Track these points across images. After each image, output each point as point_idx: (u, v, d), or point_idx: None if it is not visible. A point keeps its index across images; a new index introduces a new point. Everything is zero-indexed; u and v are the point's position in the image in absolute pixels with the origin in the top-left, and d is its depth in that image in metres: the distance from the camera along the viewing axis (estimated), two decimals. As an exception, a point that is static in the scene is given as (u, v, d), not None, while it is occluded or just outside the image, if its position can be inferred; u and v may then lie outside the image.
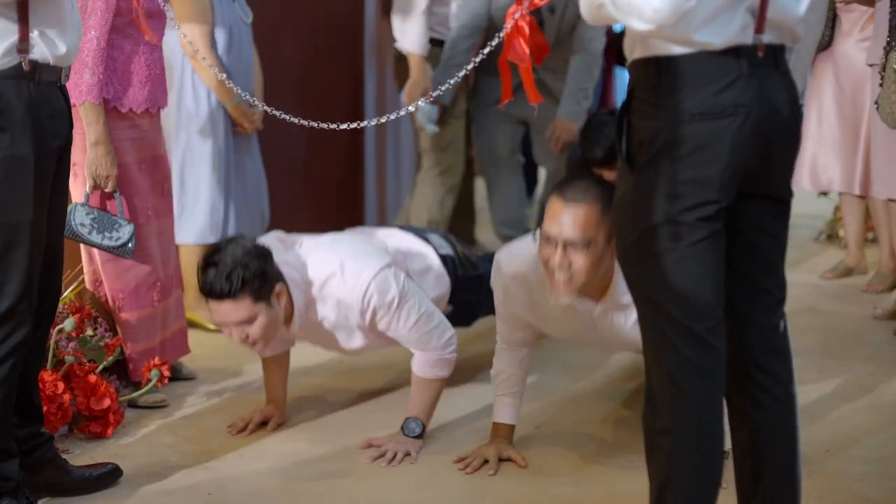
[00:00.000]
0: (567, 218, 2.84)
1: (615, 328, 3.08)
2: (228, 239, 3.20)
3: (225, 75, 3.63)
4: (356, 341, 3.39)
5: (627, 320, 3.02)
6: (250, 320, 3.11)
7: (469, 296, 3.73)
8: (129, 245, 3.58)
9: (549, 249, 2.88)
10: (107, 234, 3.54)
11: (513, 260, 3.16)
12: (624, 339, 3.10)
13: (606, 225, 2.84)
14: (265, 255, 3.14)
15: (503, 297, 3.20)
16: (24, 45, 2.66)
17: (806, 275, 5.45)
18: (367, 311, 3.28)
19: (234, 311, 3.09)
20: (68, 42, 2.76)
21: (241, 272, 3.04)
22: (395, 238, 3.70)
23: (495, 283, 3.21)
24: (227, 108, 4.37)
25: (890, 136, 4.47)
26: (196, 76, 4.32)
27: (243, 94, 3.60)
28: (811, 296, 5.08)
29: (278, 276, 3.17)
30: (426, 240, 3.76)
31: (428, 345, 3.35)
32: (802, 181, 5.29)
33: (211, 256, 3.10)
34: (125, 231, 3.57)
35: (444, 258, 3.75)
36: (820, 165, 5.30)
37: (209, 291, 3.08)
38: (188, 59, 4.27)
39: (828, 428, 3.53)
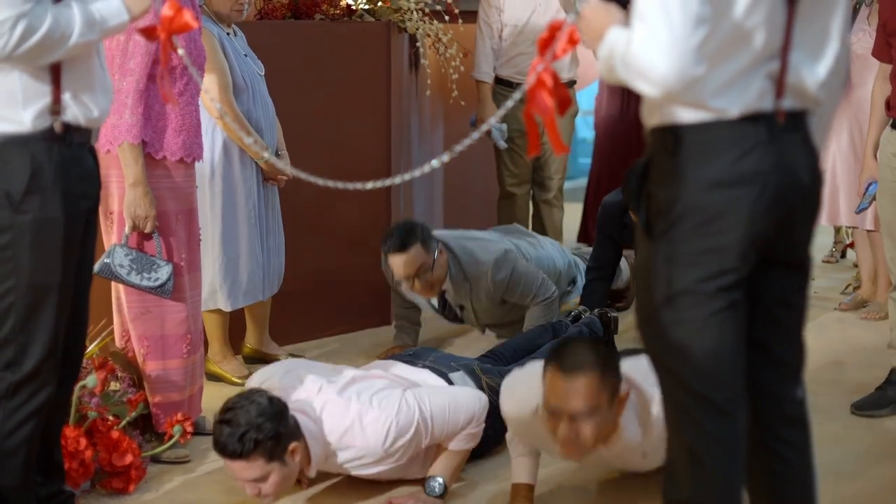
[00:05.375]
0: (569, 392, 2.86)
1: (626, 459, 3.16)
2: (244, 395, 3.16)
3: (251, 140, 3.64)
4: (376, 469, 3.38)
5: (640, 455, 3.10)
6: (263, 478, 3.11)
7: (492, 426, 3.50)
8: (168, 285, 3.60)
9: (554, 422, 2.91)
10: (145, 275, 3.57)
11: (515, 402, 3.20)
12: (634, 465, 3.19)
13: (607, 387, 2.89)
14: (280, 413, 3.12)
15: (511, 429, 3.27)
16: (56, 107, 2.71)
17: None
18: (391, 451, 3.28)
19: (246, 470, 3.09)
20: (99, 104, 2.80)
21: (255, 434, 3.04)
22: (418, 376, 3.65)
23: (505, 413, 3.26)
24: (259, 164, 4.41)
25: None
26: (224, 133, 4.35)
27: (268, 154, 3.62)
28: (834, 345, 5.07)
29: (293, 434, 3.16)
30: (448, 380, 3.67)
31: (460, 432, 3.38)
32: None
33: (225, 413, 3.09)
34: (164, 272, 3.59)
35: None
36: (833, 201, 5.59)
37: (223, 450, 3.08)
38: (216, 122, 4.30)
39: (854, 487, 3.49)
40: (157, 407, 3.70)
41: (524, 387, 3.16)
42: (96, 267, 3.20)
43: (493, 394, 3.59)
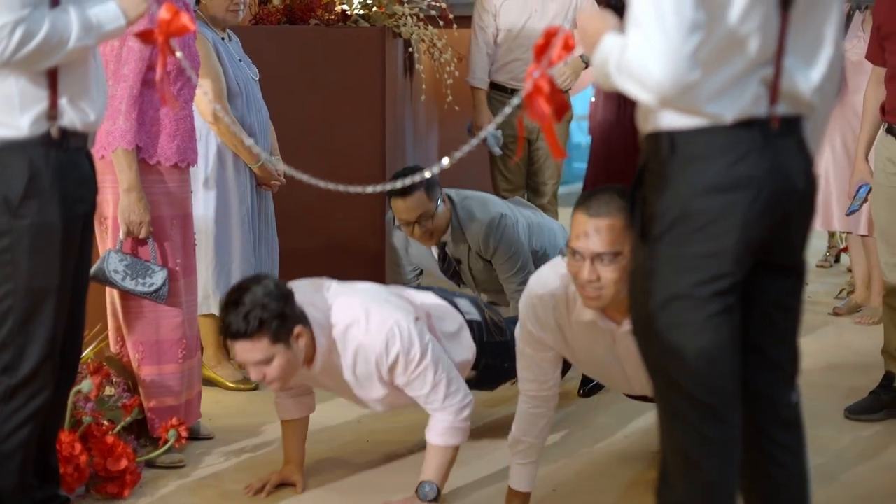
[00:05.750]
0: (593, 232, 2.82)
1: (635, 353, 3.07)
2: (251, 278, 3.22)
3: (252, 141, 3.66)
4: (373, 392, 3.40)
5: None
6: (268, 360, 3.13)
7: (495, 361, 3.69)
8: (163, 290, 3.60)
9: (577, 264, 2.86)
10: (140, 280, 3.57)
11: (541, 282, 3.16)
12: (641, 367, 3.09)
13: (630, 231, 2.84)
14: (286, 296, 3.16)
15: (531, 321, 3.17)
16: (53, 111, 2.71)
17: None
18: (386, 361, 3.30)
19: (251, 351, 3.11)
20: (96, 108, 2.81)
21: (260, 313, 3.07)
22: (425, 298, 3.72)
23: (523, 309, 3.20)
24: (252, 169, 4.42)
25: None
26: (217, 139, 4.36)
27: (265, 156, 3.63)
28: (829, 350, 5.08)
29: (299, 318, 3.19)
30: (454, 304, 3.76)
31: (443, 408, 3.35)
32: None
33: (232, 296, 3.13)
34: (158, 277, 3.60)
35: (470, 323, 3.75)
36: (826, 206, 5.64)
37: (227, 330, 3.11)
38: (210, 127, 4.31)
39: (845, 491, 3.50)
40: (151, 412, 3.70)
41: (555, 268, 3.13)
42: (91, 272, 3.21)
43: (496, 328, 3.73)
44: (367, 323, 3.28)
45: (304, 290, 3.31)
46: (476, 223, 4.58)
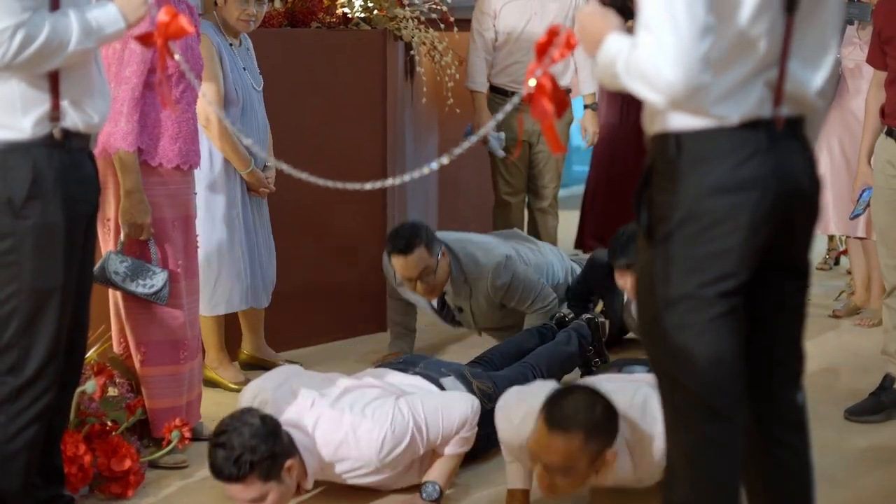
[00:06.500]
0: (550, 445, 2.91)
1: (619, 482, 3.19)
2: (236, 415, 3.17)
3: (251, 141, 3.67)
4: (376, 478, 3.41)
5: (633, 480, 3.15)
6: (262, 498, 3.12)
7: (486, 430, 3.54)
8: (163, 292, 3.61)
9: (534, 462, 2.98)
10: (140, 282, 3.58)
11: (507, 427, 3.26)
12: (624, 481, 3.19)
13: (589, 451, 2.92)
14: (273, 433, 3.13)
15: (503, 438, 3.31)
16: (55, 113, 2.73)
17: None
18: (387, 461, 3.32)
19: (244, 492, 3.10)
20: (98, 110, 2.82)
21: (249, 456, 3.04)
22: (412, 382, 3.69)
23: (497, 420, 3.32)
24: (242, 175, 4.42)
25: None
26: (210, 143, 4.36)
27: (262, 156, 3.63)
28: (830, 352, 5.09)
29: (288, 451, 3.18)
30: (440, 386, 3.70)
31: (454, 436, 3.41)
32: None
33: (219, 437, 3.09)
34: (159, 279, 3.61)
35: None
36: (824, 211, 5.58)
37: (219, 474, 3.09)
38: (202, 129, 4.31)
39: (848, 494, 3.51)
40: (154, 413, 3.71)
41: (517, 412, 3.21)
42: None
43: (485, 397, 3.64)
44: (357, 438, 3.30)
45: (288, 410, 3.32)
46: (483, 268, 4.60)
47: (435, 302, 4.79)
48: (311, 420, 3.32)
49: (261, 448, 3.06)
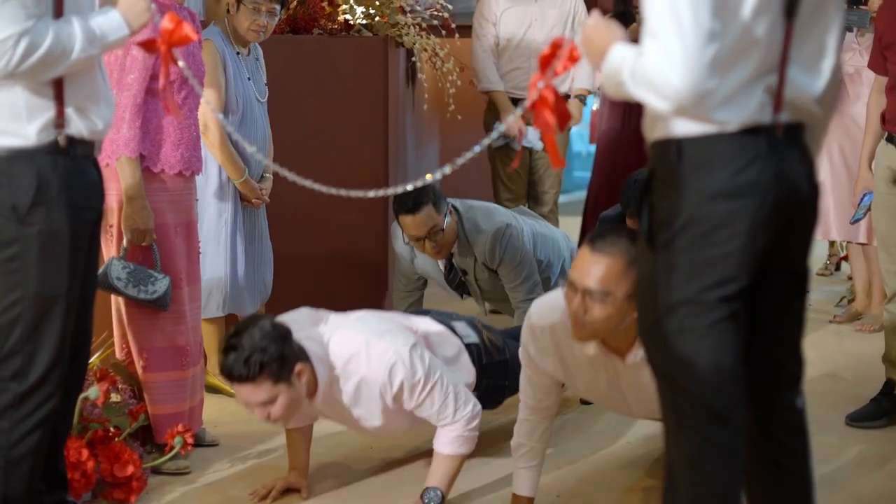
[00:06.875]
0: (589, 267, 2.84)
1: (639, 384, 3.08)
2: (248, 320, 3.23)
3: (255, 148, 3.67)
4: (375, 420, 3.42)
5: (649, 394, 3.02)
6: (271, 401, 3.14)
7: (495, 381, 3.68)
8: (165, 298, 3.62)
9: (570, 294, 2.89)
10: (142, 288, 3.59)
11: (543, 310, 3.17)
12: (645, 397, 3.10)
13: (629, 279, 2.79)
14: (284, 336, 3.17)
15: (532, 348, 3.19)
16: (60, 120, 2.74)
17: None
18: (391, 390, 3.32)
19: (254, 393, 3.13)
20: (102, 117, 2.83)
21: (259, 356, 3.08)
22: (423, 324, 3.73)
23: (525, 335, 3.21)
24: (235, 184, 4.42)
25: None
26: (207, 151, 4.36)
27: (262, 157, 3.63)
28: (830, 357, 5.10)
29: (299, 355, 3.20)
30: (452, 329, 3.77)
31: (453, 422, 3.40)
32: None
33: (231, 339, 3.13)
34: (161, 285, 3.62)
35: (468, 347, 3.77)
36: (824, 216, 5.68)
37: (229, 375, 3.12)
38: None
39: (847, 499, 3.51)
40: (156, 418, 3.72)
41: (556, 297, 3.12)
42: None
43: (494, 347, 3.73)
44: (368, 355, 3.30)
45: (302, 324, 3.32)
46: (482, 234, 4.58)
47: (442, 264, 4.78)
48: (327, 332, 3.34)
49: (270, 348, 3.09)
